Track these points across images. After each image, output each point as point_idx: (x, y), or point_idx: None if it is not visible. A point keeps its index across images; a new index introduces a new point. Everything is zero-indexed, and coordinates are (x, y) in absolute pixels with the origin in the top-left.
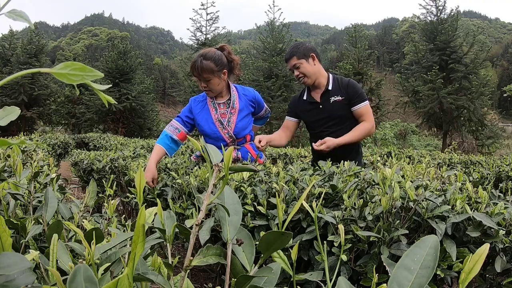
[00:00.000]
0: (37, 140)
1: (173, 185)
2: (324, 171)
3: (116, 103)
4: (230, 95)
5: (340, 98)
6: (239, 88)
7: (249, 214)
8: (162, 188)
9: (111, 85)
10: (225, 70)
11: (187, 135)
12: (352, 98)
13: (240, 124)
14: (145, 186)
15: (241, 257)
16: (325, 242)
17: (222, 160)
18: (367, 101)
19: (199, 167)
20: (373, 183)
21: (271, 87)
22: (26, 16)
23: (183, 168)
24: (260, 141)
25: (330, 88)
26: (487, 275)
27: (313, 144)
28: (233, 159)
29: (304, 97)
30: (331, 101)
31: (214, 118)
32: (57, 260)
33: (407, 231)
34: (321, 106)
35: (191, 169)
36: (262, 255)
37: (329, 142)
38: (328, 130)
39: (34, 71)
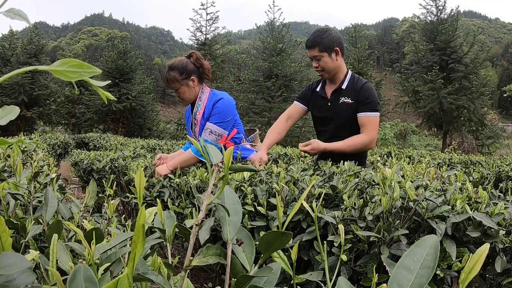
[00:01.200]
0: (37, 140)
1: (171, 185)
2: (324, 172)
3: (116, 99)
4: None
5: (350, 101)
6: (212, 95)
7: (246, 216)
8: (159, 190)
9: (110, 82)
10: (193, 77)
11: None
12: (360, 103)
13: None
14: (144, 187)
15: (241, 257)
16: (325, 242)
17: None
18: (376, 112)
19: (198, 168)
20: (373, 183)
21: (271, 87)
22: (24, 15)
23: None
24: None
25: (343, 87)
26: (487, 275)
27: (299, 144)
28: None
29: (317, 89)
30: (340, 101)
31: (192, 127)
32: (57, 260)
33: (407, 231)
34: (329, 104)
35: (188, 170)
36: (262, 255)
37: (315, 144)
38: (331, 131)
39: (31, 68)
